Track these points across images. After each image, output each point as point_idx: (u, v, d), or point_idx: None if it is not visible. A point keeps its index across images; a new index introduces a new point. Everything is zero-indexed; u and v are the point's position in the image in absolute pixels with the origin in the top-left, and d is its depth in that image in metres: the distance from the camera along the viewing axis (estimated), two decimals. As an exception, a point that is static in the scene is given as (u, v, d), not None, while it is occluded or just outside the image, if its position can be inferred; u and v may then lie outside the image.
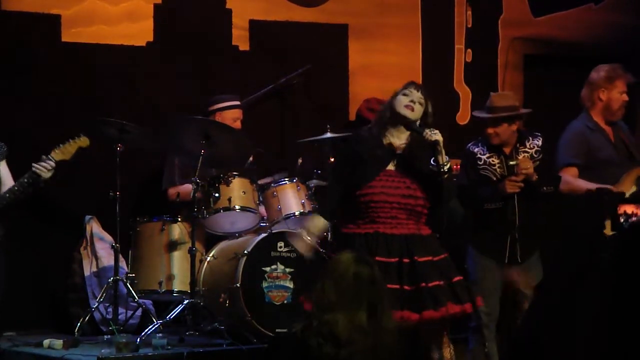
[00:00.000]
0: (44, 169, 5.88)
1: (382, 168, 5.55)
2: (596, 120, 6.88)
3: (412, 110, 5.59)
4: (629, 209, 6.39)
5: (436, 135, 5.51)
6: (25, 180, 5.84)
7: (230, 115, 7.42)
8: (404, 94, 5.62)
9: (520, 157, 6.37)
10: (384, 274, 5.29)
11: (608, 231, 6.49)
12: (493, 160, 6.40)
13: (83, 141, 6.19)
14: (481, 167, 6.41)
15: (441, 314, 5.43)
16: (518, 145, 6.43)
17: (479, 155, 6.43)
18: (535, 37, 9.39)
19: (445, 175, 5.54)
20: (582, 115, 6.92)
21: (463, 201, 6.34)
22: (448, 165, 5.54)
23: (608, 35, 9.44)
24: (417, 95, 5.61)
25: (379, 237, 5.49)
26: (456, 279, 5.55)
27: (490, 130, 6.38)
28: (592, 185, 6.60)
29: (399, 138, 5.65)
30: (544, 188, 6.31)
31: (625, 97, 6.92)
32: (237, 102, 7.55)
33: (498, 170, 6.40)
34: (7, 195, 5.82)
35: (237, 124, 7.44)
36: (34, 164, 5.87)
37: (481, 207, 6.35)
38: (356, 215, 5.57)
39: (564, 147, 6.78)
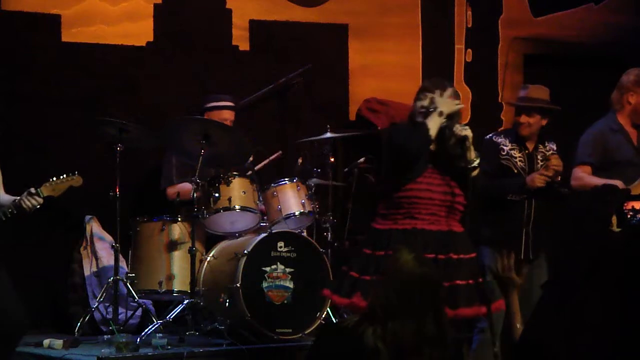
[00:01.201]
0: (31, 205, 5.80)
1: (426, 165, 5.58)
2: (621, 122, 6.89)
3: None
4: (637, 204, 6.40)
5: (466, 131, 5.53)
6: (10, 211, 5.77)
7: (217, 115, 7.38)
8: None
9: (552, 155, 6.44)
10: None
11: (615, 227, 6.50)
12: (515, 153, 6.49)
13: (76, 180, 6.01)
14: (504, 157, 6.50)
15: (473, 312, 5.48)
16: (538, 144, 6.52)
17: (502, 146, 6.52)
18: (535, 37, 9.39)
19: (475, 172, 5.56)
20: (608, 115, 6.93)
21: (485, 189, 6.35)
22: (477, 161, 5.57)
23: (608, 35, 9.45)
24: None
25: (417, 233, 5.51)
26: (480, 279, 5.59)
27: (523, 120, 6.48)
28: (605, 182, 6.63)
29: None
30: (563, 190, 6.37)
31: None
32: (227, 103, 7.51)
33: (519, 163, 6.48)
34: None
35: (228, 125, 7.39)
36: (22, 198, 5.77)
37: (504, 198, 6.40)
38: (394, 210, 5.57)
39: (582, 146, 6.83)
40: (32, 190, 5.83)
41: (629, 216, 6.33)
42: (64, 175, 5.99)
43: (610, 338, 5.34)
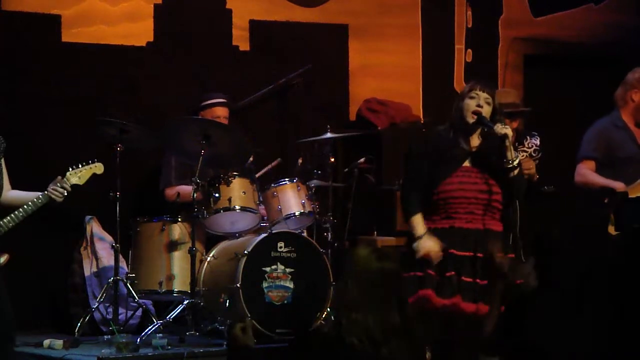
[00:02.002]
0: (60, 194, 5.87)
1: (458, 165, 5.59)
2: (625, 119, 6.90)
3: (480, 111, 5.61)
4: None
5: (506, 129, 5.53)
6: (40, 201, 5.83)
7: (210, 113, 7.38)
8: (471, 97, 5.64)
9: (521, 158, 6.38)
10: (459, 267, 5.44)
11: (612, 230, 6.50)
12: None
13: (98, 168, 6.12)
14: None
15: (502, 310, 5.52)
16: (517, 144, 6.45)
17: None
18: (535, 37, 9.39)
19: (516, 171, 5.56)
20: (613, 112, 6.94)
21: None
22: (517, 160, 5.56)
23: (608, 35, 9.44)
24: (483, 96, 5.64)
25: (454, 231, 5.54)
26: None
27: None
28: (608, 182, 6.63)
29: (472, 137, 5.69)
30: (545, 187, 6.33)
31: None
32: (219, 100, 7.51)
33: None
34: (21, 214, 5.81)
35: (222, 122, 7.39)
36: (50, 188, 5.84)
37: None
38: (432, 211, 5.61)
39: (586, 141, 6.83)
40: (59, 178, 5.88)
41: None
42: (85, 163, 6.06)
43: (607, 339, 5.35)
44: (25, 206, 5.78)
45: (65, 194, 5.90)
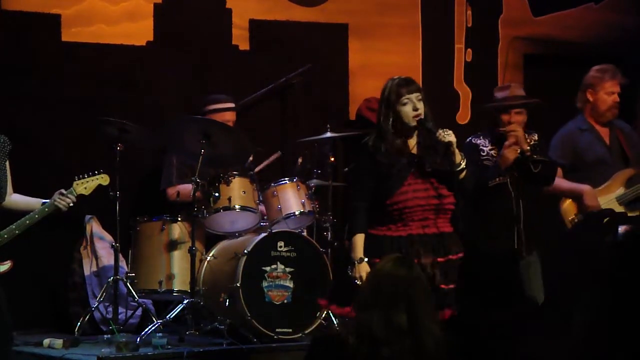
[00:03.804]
0: (66, 204, 5.95)
1: (407, 173, 5.57)
2: (590, 121, 6.90)
3: (420, 115, 5.58)
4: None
5: (450, 137, 5.51)
6: (47, 210, 5.90)
7: (221, 118, 7.38)
8: (403, 104, 5.58)
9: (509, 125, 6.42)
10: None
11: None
12: (495, 153, 6.46)
13: (104, 179, 6.17)
14: (484, 157, 6.50)
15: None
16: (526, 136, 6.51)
17: (481, 147, 6.53)
18: (535, 37, 9.39)
19: (462, 174, 5.56)
20: (578, 116, 6.96)
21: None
22: (464, 164, 5.56)
23: (608, 35, 9.44)
24: (415, 96, 5.59)
25: (413, 238, 5.53)
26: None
27: (515, 119, 6.44)
28: (574, 186, 6.65)
29: (410, 140, 5.65)
30: (534, 156, 6.31)
31: (615, 97, 6.91)
32: (229, 105, 7.52)
33: None
34: (27, 222, 5.86)
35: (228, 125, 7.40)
36: (56, 199, 5.90)
37: (486, 186, 6.37)
38: (387, 220, 5.58)
39: (552, 148, 6.85)
40: (64, 190, 5.95)
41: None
42: (91, 173, 6.13)
43: (601, 348, 5.34)
44: (32, 214, 5.82)
45: (72, 204, 5.96)
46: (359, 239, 5.56)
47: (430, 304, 4.30)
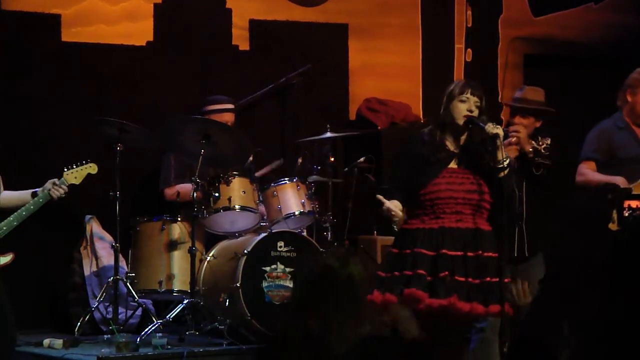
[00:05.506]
0: (60, 194, 5.99)
1: (444, 166, 5.58)
2: (627, 120, 6.90)
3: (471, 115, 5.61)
4: (634, 203, 6.42)
5: (497, 130, 5.50)
6: (41, 200, 5.92)
7: (220, 118, 7.36)
8: (462, 100, 5.60)
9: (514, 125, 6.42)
10: (451, 267, 5.42)
11: (613, 226, 6.51)
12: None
13: (92, 168, 6.21)
14: None
15: (498, 309, 5.48)
16: (539, 139, 6.50)
17: None
18: (535, 37, 9.39)
19: (505, 172, 5.54)
20: (617, 113, 6.95)
21: None
22: (507, 161, 5.54)
23: (608, 35, 9.45)
24: (473, 100, 5.60)
25: (445, 231, 5.53)
26: (507, 279, 5.63)
27: (517, 121, 6.42)
28: (607, 178, 6.64)
29: (459, 138, 5.66)
30: (536, 159, 6.30)
31: None
32: (228, 105, 7.52)
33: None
34: (24, 213, 5.89)
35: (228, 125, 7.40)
36: (51, 188, 5.93)
37: None
38: (421, 212, 5.59)
39: (587, 142, 6.85)
40: (57, 180, 5.97)
41: (626, 214, 6.35)
42: (79, 163, 6.15)
43: (606, 335, 5.35)
44: (27, 205, 5.84)
45: (64, 194, 5.97)
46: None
47: (357, 309, 4.16)
